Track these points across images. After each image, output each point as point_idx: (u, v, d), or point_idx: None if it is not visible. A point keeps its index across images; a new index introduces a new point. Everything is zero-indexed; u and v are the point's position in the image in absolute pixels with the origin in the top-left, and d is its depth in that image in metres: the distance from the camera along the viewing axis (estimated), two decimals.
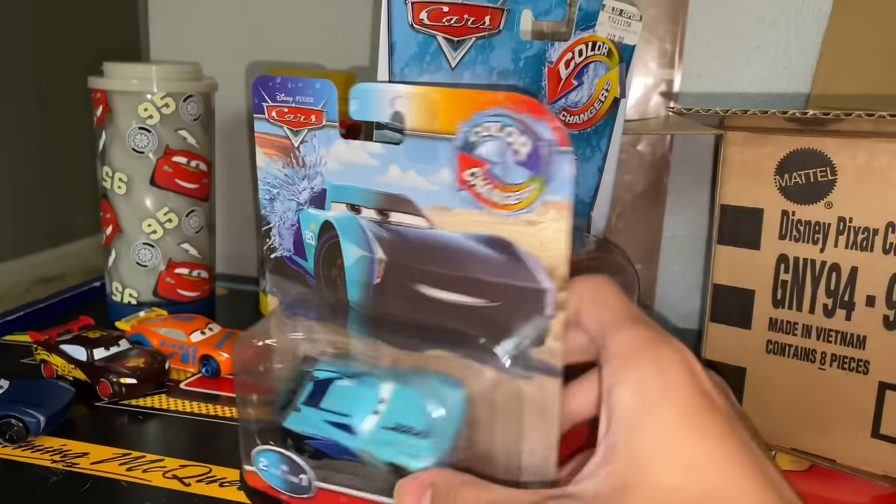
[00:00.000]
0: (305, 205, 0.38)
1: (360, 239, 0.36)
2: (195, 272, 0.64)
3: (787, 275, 0.43)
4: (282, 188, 0.38)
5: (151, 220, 0.61)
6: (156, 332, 0.55)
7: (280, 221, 0.39)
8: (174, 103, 0.60)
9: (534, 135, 0.30)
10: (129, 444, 0.44)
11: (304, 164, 0.37)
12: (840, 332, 0.42)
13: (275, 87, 0.37)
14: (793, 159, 0.42)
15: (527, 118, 0.30)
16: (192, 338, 0.54)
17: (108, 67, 0.61)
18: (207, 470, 0.41)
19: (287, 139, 0.37)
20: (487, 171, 0.32)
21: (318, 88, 0.36)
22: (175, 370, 0.54)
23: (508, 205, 0.32)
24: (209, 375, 0.53)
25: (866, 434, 0.41)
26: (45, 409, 0.44)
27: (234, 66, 0.77)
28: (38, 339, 0.52)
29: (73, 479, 0.40)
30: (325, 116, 0.36)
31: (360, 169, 0.35)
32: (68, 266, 2.17)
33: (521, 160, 0.31)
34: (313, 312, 0.38)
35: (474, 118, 0.31)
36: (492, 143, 0.31)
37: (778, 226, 0.43)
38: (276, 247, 0.40)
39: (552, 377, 0.32)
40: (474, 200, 0.32)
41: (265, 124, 0.37)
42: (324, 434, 0.36)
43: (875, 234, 0.40)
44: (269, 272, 0.40)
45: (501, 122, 0.31)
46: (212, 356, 0.53)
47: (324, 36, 0.75)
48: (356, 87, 0.34)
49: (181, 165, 0.61)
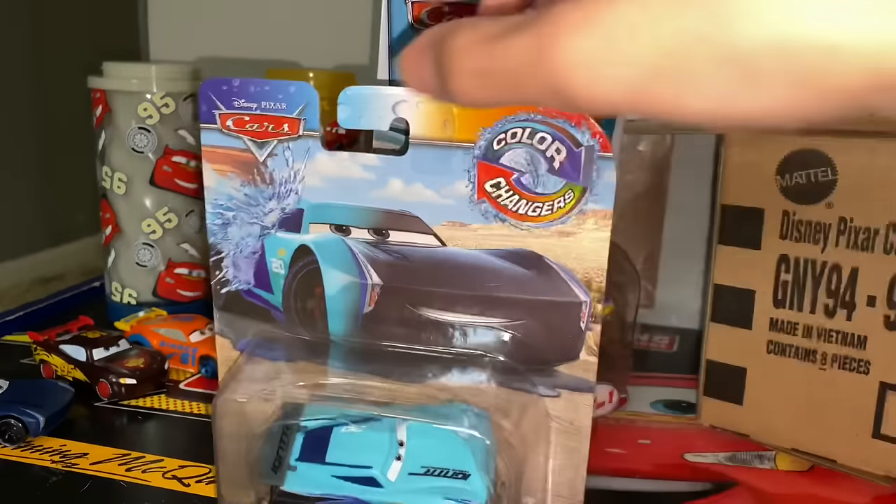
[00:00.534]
0: (272, 228, 0.33)
1: (349, 263, 0.32)
2: (195, 272, 0.64)
3: (788, 275, 0.43)
4: (239, 210, 0.33)
5: (151, 220, 0.61)
6: (155, 332, 0.55)
7: (236, 250, 0.34)
8: (174, 103, 0.60)
9: (571, 140, 0.28)
10: (129, 445, 0.44)
11: (272, 182, 0.32)
12: (841, 333, 0.42)
13: (231, 91, 0.31)
14: (794, 159, 0.42)
15: (563, 123, 0.28)
16: (191, 338, 0.54)
17: (108, 67, 0.61)
18: (207, 470, 0.41)
19: (248, 152, 0.32)
20: (514, 180, 0.29)
21: (293, 92, 0.31)
22: (174, 370, 0.54)
23: (539, 216, 0.29)
24: (209, 376, 0.53)
25: (867, 434, 0.41)
26: (44, 409, 0.43)
27: (233, 66, 0.77)
28: (38, 339, 0.52)
29: (72, 480, 0.40)
30: (303, 125, 0.31)
31: (351, 184, 0.31)
32: (68, 266, 2.17)
33: (556, 168, 0.29)
34: (281, 352, 0.34)
35: (499, 124, 0.29)
36: (520, 150, 0.29)
37: (779, 226, 0.43)
38: (228, 279, 0.34)
39: (584, 392, 0.31)
40: (497, 213, 0.30)
41: (216, 135, 0.32)
42: (339, 492, 0.31)
43: (876, 234, 0.40)
44: (218, 310, 0.35)
45: (532, 128, 0.28)
46: (211, 356, 0.53)
47: (324, 35, 0.74)
48: (347, 91, 0.30)
49: (181, 165, 0.61)
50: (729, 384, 0.46)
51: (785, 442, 0.44)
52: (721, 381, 0.46)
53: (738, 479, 0.42)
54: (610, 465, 0.43)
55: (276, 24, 0.75)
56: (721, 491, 0.41)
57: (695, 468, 0.43)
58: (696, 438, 0.46)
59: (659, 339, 0.64)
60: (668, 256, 0.70)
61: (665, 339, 0.64)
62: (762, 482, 0.42)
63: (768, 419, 0.45)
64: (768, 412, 0.45)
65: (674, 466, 0.43)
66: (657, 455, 0.44)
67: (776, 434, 0.44)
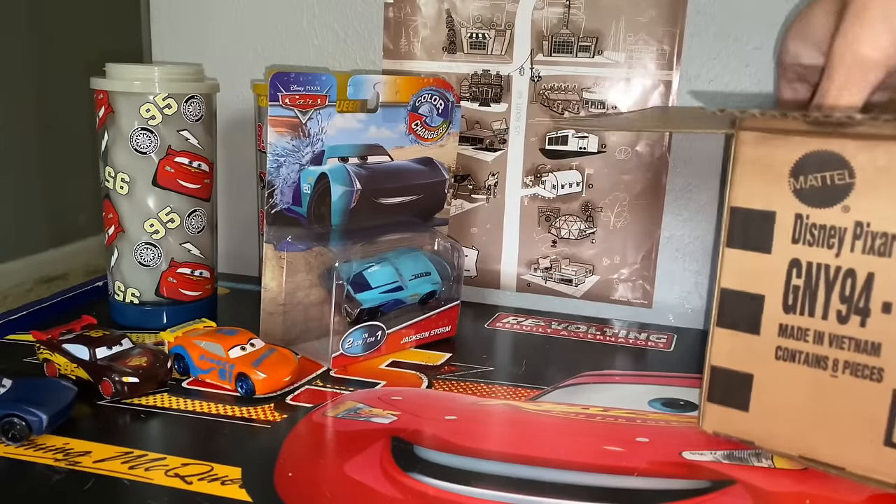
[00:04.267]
0: (306, 164, 0.54)
1: (346, 179, 0.56)
2: (197, 272, 0.64)
3: (800, 280, 0.42)
4: (288, 156, 0.53)
5: (154, 220, 0.62)
6: (197, 344, 0.53)
7: (283, 182, 0.54)
8: (176, 104, 0.60)
9: (444, 99, 0.59)
10: (132, 443, 0.44)
11: (309, 136, 0.54)
12: (854, 339, 0.40)
13: (289, 80, 0.52)
14: (809, 161, 0.41)
15: (442, 91, 0.59)
16: (230, 353, 0.51)
17: (111, 68, 0.61)
18: (209, 468, 0.41)
19: (296, 118, 0.53)
20: (424, 121, 0.59)
21: (324, 80, 0.53)
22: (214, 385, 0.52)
23: (432, 139, 0.60)
24: (244, 394, 0.51)
25: (879, 442, 0.40)
26: (47, 407, 0.44)
27: (235, 67, 0.78)
28: (41, 338, 0.52)
29: (75, 478, 0.40)
30: (328, 99, 0.54)
31: (350, 132, 0.56)
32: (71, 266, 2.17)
33: (439, 113, 0.60)
34: (304, 245, 0.56)
35: (419, 93, 0.58)
36: (426, 105, 0.59)
37: (791, 229, 0.42)
38: (276, 203, 0.54)
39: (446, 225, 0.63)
40: (415, 139, 0.59)
41: (279, 109, 0.52)
42: (386, 299, 0.57)
43: (894, 239, 0.39)
44: (268, 225, 0.55)
45: (431, 93, 0.59)
46: (248, 375, 0.50)
47: (325, 38, 0.75)
48: (352, 78, 0.55)
49: (183, 166, 0.62)
50: (734, 390, 0.45)
51: (792, 449, 0.43)
52: (726, 388, 0.45)
53: (735, 478, 0.42)
54: (608, 463, 0.43)
55: (278, 26, 0.76)
56: (719, 489, 0.41)
57: (693, 466, 0.43)
58: (694, 437, 0.47)
59: (657, 338, 0.64)
60: (666, 256, 0.70)
61: (663, 338, 0.64)
62: (760, 480, 0.42)
63: (775, 426, 0.44)
64: (775, 419, 0.44)
65: (672, 464, 0.44)
66: (655, 453, 0.45)
67: (783, 441, 0.44)
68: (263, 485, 0.40)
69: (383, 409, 0.49)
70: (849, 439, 0.41)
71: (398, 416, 0.48)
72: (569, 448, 0.45)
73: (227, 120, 0.78)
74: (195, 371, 0.52)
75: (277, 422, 0.47)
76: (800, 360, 0.43)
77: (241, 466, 0.42)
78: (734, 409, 0.45)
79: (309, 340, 0.58)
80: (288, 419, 0.47)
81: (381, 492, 0.40)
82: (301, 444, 0.45)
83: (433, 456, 0.43)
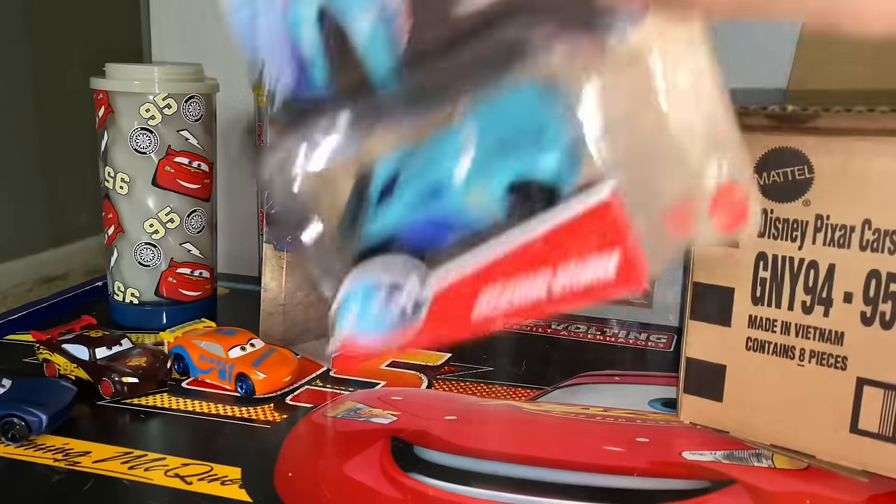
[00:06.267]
0: None
1: None
2: (197, 272, 0.64)
3: (766, 272, 0.43)
4: None
5: (153, 221, 0.62)
6: (196, 344, 0.52)
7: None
8: (176, 104, 0.60)
9: None
10: (131, 443, 0.44)
11: None
12: (818, 329, 0.42)
13: None
14: (772, 158, 0.42)
15: None
16: (230, 354, 0.51)
17: (110, 68, 0.61)
18: (209, 468, 0.41)
19: None
20: None
21: None
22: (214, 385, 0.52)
23: None
24: (244, 394, 0.50)
25: (845, 429, 0.41)
26: (47, 407, 0.44)
27: (235, 67, 0.78)
28: (41, 338, 0.52)
29: (75, 478, 0.40)
30: None
31: None
32: (70, 266, 2.17)
33: None
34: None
35: None
36: None
37: (757, 224, 0.43)
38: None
39: None
40: None
41: None
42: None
43: (852, 231, 0.40)
44: (268, 225, 0.56)
45: None
46: (247, 375, 0.50)
47: None
48: None
49: (183, 166, 0.62)
50: (708, 381, 0.46)
51: (764, 437, 0.44)
52: (701, 379, 0.46)
53: (735, 478, 0.42)
54: (608, 463, 0.43)
55: None
56: (718, 489, 0.41)
57: (692, 466, 0.43)
58: (693, 436, 0.47)
59: (657, 338, 0.64)
60: None
61: (663, 338, 0.64)
62: (760, 480, 0.42)
63: (747, 415, 0.45)
64: (747, 408, 0.45)
65: (672, 464, 0.44)
66: (655, 453, 0.45)
67: (755, 430, 0.45)
68: (263, 485, 0.40)
69: (383, 410, 0.49)
70: (817, 427, 0.42)
71: (398, 416, 0.48)
72: (569, 448, 0.45)
73: (227, 120, 0.78)
74: (195, 371, 0.52)
75: (277, 422, 0.47)
76: (769, 351, 0.44)
77: (241, 466, 0.42)
78: (709, 399, 0.46)
79: (309, 340, 0.58)
80: (288, 419, 0.47)
81: (381, 492, 0.40)
82: (301, 445, 0.45)
83: (433, 456, 0.43)
